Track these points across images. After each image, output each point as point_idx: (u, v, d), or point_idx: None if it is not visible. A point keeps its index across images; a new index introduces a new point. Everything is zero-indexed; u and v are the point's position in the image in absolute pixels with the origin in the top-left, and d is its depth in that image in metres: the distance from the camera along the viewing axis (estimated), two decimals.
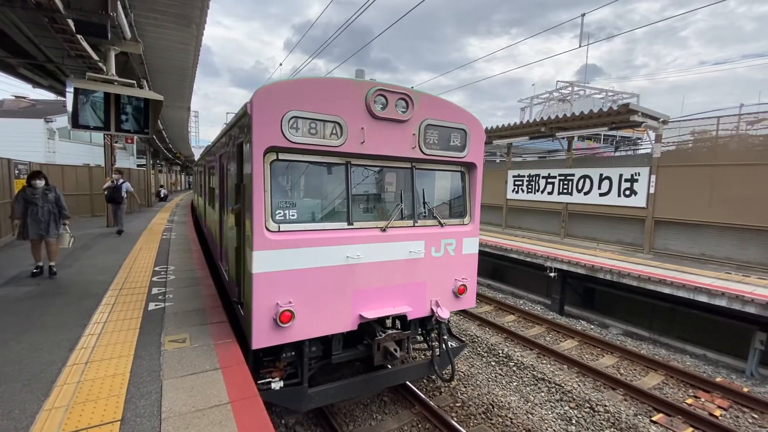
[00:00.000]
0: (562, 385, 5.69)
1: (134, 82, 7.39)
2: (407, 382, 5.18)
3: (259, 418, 2.76)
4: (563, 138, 11.65)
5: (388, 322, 4.68)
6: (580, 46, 10.59)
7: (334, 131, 3.80)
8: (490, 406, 5.08)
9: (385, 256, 4.22)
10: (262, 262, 3.58)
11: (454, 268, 4.72)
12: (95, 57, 7.57)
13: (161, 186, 30.19)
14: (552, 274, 8.93)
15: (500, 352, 6.72)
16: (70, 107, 6.61)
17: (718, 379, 6.03)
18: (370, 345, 4.25)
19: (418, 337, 4.98)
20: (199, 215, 12.78)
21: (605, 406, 5.17)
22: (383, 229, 4.23)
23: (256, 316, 3.59)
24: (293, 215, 3.86)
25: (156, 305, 4.99)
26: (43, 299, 5.19)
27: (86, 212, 15.11)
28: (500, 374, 6.07)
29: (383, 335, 4.21)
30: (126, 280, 6.17)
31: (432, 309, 4.56)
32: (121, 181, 11.02)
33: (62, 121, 23.34)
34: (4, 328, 4.21)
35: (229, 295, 5.31)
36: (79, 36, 6.64)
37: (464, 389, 5.50)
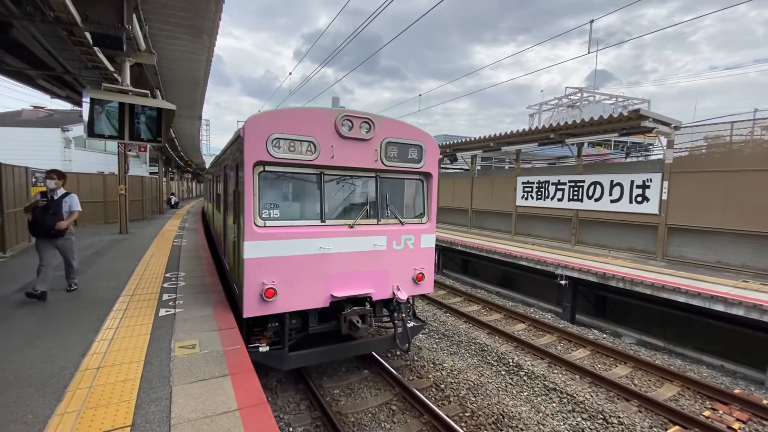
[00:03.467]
0: (574, 395, 5.58)
1: (148, 92, 7.57)
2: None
3: (267, 426, 2.75)
4: (573, 144, 11.56)
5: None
6: (588, 53, 10.55)
7: (309, 148, 4.81)
8: (500, 416, 5.00)
9: (352, 247, 5.20)
10: (251, 250, 4.58)
11: (413, 259, 5.68)
12: (111, 68, 7.77)
13: (172, 193, 30.65)
14: (563, 282, 8.81)
15: (510, 361, 6.63)
16: (86, 117, 6.79)
17: (736, 391, 5.85)
18: (340, 319, 5.13)
19: (384, 318, 5.98)
20: (209, 219, 13.57)
21: (619, 417, 5.05)
22: (351, 226, 5.22)
23: (246, 292, 4.58)
24: (276, 214, 4.87)
25: (167, 311, 5.04)
26: (57, 305, 5.28)
27: (99, 219, 15.40)
28: (510, 384, 5.97)
29: (349, 310, 5.10)
30: (138, 286, 6.25)
31: (394, 292, 5.49)
32: (60, 192, 5.56)
33: (78, 130, 23.92)
34: (19, 332, 4.29)
35: (229, 281, 6.40)
36: (95, 48, 6.83)
37: (474, 399, 5.43)
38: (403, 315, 5.64)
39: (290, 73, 21.00)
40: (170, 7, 7.07)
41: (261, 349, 4.84)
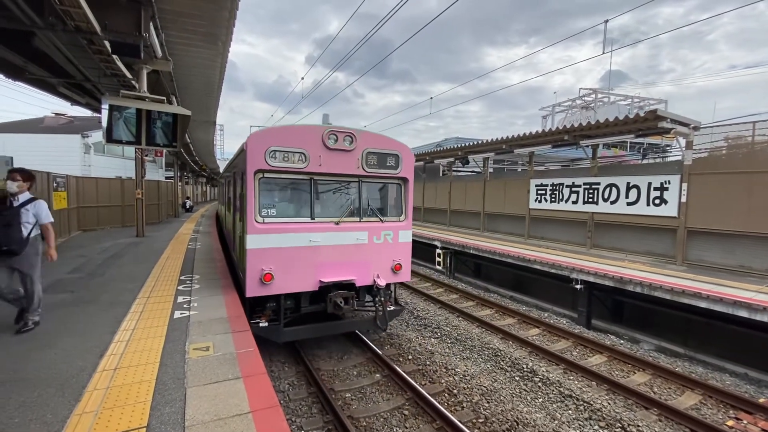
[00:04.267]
0: (591, 402, 5.45)
1: (164, 98, 7.72)
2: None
3: (279, 429, 2.76)
4: (588, 146, 11.38)
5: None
6: (603, 53, 10.40)
7: (300, 158, 5.68)
8: (515, 423, 4.91)
9: (338, 241, 6.03)
10: (253, 242, 5.50)
11: (392, 252, 6.50)
12: (128, 75, 7.96)
13: (187, 197, 31.19)
14: (578, 287, 8.65)
15: (524, 366, 6.52)
16: (104, 123, 6.95)
17: (761, 400, 5.63)
18: (327, 299, 5.95)
19: (368, 303, 6.80)
20: (222, 220, 14.45)
21: (638, 426, 4.91)
22: (337, 223, 6.07)
23: (248, 277, 5.48)
24: (273, 213, 5.75)
25: (181, 313, 5.11)
26: (76, 306, 5.40)
27: (117, 222, 15.75)
28: (525, 390, 5.87)
29: (335, 293, 5.95)
30: (153, 288, 6.35)
31: (374, 280, 6.27)
32: (23, 198, 4.42)
33: (97, 136, 24.56)
34: (40, 333, 4.39)
35: (236, 269, 7.27)
36: (114, 56, 7.01)
37: (487, 404, 5.35)
38: (382, 299, 6.51)
39: (302, 78, 21.27)
40: (186, 15, 7.22)
41: (261, 325, 5.71)
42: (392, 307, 6.96)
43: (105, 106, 7.02)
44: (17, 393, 3.14)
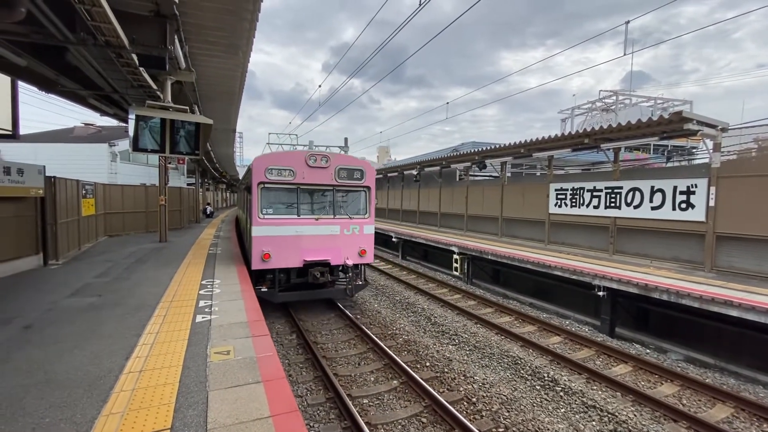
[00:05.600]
0: (616, 414, 5.27)
1: (187, 107, 7.95)
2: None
3: None
4: (609, 149, 11.12)
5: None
6: (624, 54, 10.18)
7: (289, 174, 7.97)
8: None
9: (317, 232, 8.27)
10: (256, 231, 7.80)
11: (358, 241, 8.68)
12: (154, 86, 8.25)
13: (208, 203, 31.91)
14: (601, 294, 8.41)
15: (545, 375, 6.37)
16: (131, 132, 7.21)
17: None
18: (309, 273, 8.22)
19: (341, 277, 9.17)
20: (240, 221, 16.92)
21: None
22: (316, 219, 8.30)
23: (253, 255, 7.85)
24: (270, 212, 8.07)
25: (203, 317, 5.22)
26: (103, 310, 5.59)
27: (141, 228, 16.24)
28: (546, 399, 5.73)
29: (315, 269, 8.22)
30: (176, 293, 6.51)
31: (345, 261, 8.50)
32: None
33: (123, 144, 25.49)
34: (70, 336, 4.56)
35: (246, 251, 9.92)
36: (141, 68, 7.27)
37: (507, 414, 5.24)
38: (350, 275, 8.81)
39: (320, 86, 21.56)
40: (208, 28, 7.46)
41: (262, 290, 8.02)
42: (360, 282, 9.18)
43: (132, 116, 7.29)
44: (49, 394, 3.26)
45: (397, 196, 24.55)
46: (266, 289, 8.05)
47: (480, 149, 16.08)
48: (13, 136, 10.31)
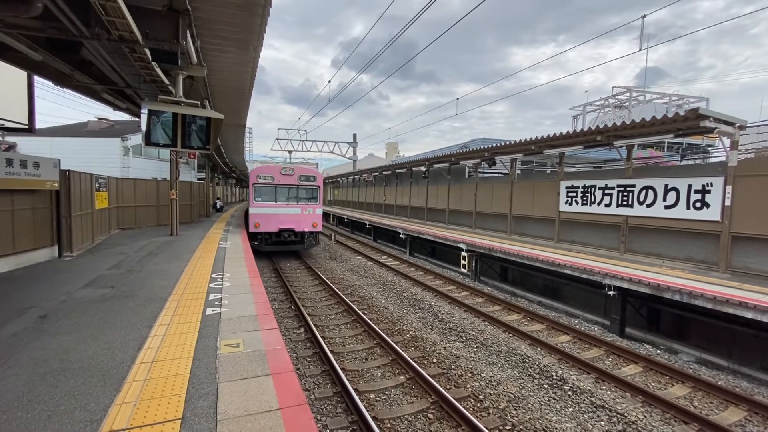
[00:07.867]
0: (625, 414, 5.22)
1: (198, 102, 7.99)
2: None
3: (307, 428, 2.79)
4: (622, 147, 10.94)
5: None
6: (640, 50, 9.98)
7: (270, 178, 14.74)
8: None
9: (288, 211, 14.83)
10: (252, 210, 14.58)
11: (312, 217, 15.19)
12: (166, 81, 8.31)
13: (218, 198, 32.22)
14: (611, 293, 8.31)
15: (554, 374, 6.33)
16: (144, 127, 7.28)
17: None
18: (282, 235, 14.84)
19: (307, 240, 15.56)
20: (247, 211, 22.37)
21: None
22: (287, 204, 14.92)
23: (250, 225, 14.53)
24: (260, 200, 14.64)
25: (213, 310, 5.28)
26: (116, 301, 5.69)
27: (153, 222, 16.48)
28: (554, 398, 5.69)
29: (286, 232, 14.83)
30: (187, 285, 6.60)
31: (304, 228, 15.00)
32: None
33: (136, 139, 25.82)
34: (84, 326, 4.66)
35: (246, 224, 16.43)
36: (153, 63, 7.34)
37: (514, 412, 5.23)
38: (307, 237, 15.20)
39: (329, 82, 21.60)
40: (220, 23, 7.48)
41: (255, 244, 13.67)
42: (314, 243, 15.94)
43: (144, 111, 7.37)
44: (64, 382, 3.34)
45: (405, 193, 24.51)
46: (257, 244, 14.06)
47: (489, 146, 15.94)
48: (30, 130, 10.50)
